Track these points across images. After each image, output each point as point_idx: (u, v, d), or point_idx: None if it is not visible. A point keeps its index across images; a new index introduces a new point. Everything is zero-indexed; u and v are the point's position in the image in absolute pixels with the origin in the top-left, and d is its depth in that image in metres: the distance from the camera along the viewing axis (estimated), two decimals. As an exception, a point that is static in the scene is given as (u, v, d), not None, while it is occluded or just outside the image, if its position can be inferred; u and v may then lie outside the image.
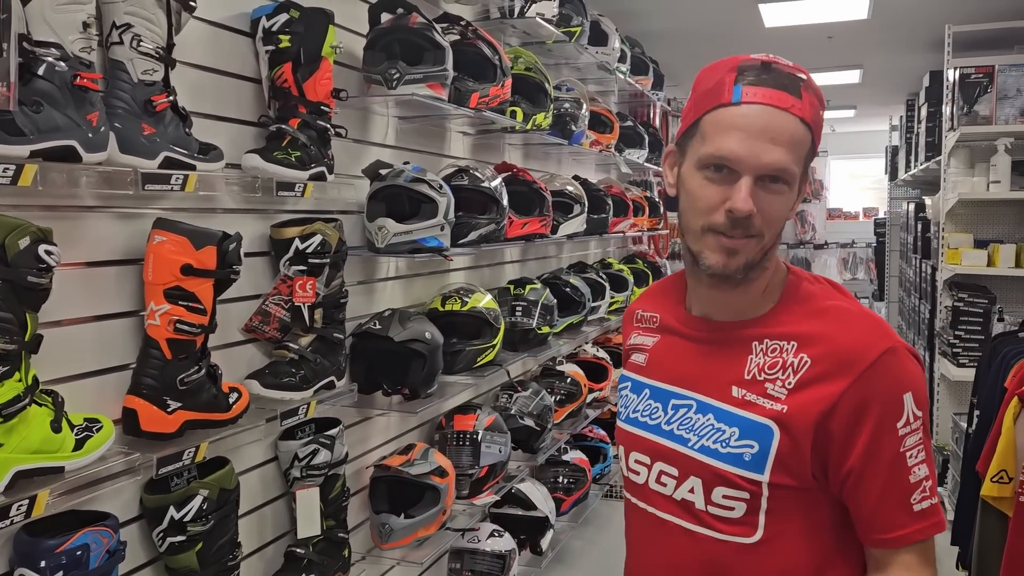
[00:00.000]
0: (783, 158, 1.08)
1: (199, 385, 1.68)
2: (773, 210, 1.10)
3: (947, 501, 4.36)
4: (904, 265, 7.44)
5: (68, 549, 1.39)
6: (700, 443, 1.16)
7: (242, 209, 1.99)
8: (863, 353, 1.10)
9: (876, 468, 1.10)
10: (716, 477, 1.14)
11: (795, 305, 1.18)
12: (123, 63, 1.52)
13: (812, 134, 1.12)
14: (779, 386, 1.12)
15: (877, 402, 1.10)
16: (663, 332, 1.30)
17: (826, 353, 1.12)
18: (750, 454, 1.12)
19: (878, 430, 1.10)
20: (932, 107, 5.41)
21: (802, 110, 1.09)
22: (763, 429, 1.12)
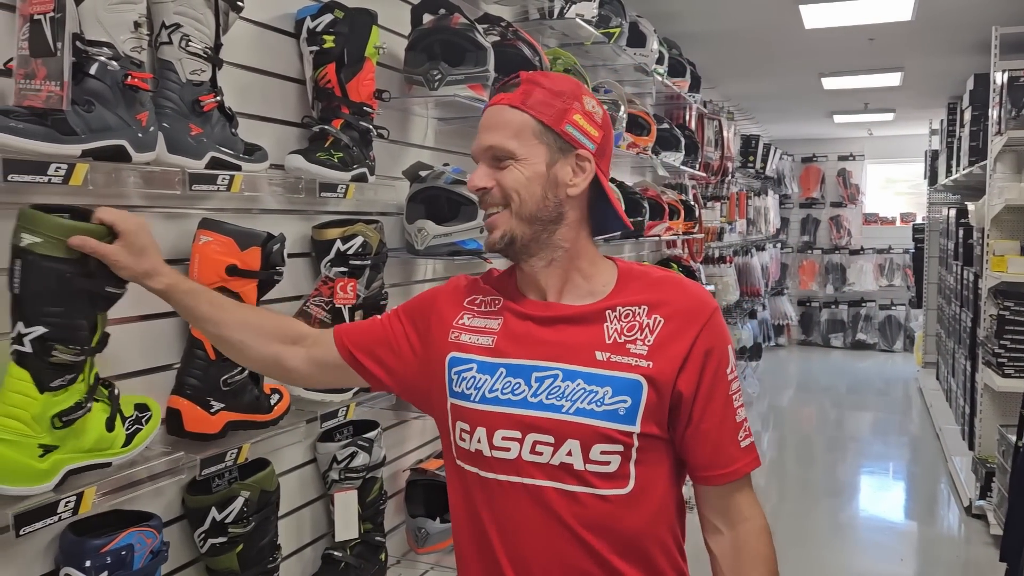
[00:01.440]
0: (495, 137, 1.28)
1: (242, 386, 1.67)
2: (506, 181, 1.27)
3: (991, 515, 4.25)
4: (944, 272, 7.30)
5: (113, 549, 1.39)
6: (575, 407, 1.25)
7: (284, 210, 1.99)
8: (701, 310, 1.29)
9: (713, 410, 1.28)
10: (594, 435, 1.24)
11: (632, 282, 1.33)
12: (172, 63, 1.52)
13: (532, 114, 1.27)
14: (640, 345, 1.27)
15: (714, 352, 1.28)
16: (508, 313, 1.35)
17: (674, 312, 1.28)
18: (624, 408, 1.24)
19: (714, 377, 1.28)
20: (977, 110, 5.30)
21: (513, 99, 1.28)
22: (634, 384, 1.25)
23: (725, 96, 7.18)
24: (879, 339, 10.46)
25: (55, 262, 1.23)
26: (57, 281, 1.24)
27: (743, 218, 7.90)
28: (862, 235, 10.91)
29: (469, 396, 1.31)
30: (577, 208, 1.31)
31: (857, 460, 6.16)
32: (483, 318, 1.36)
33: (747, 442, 1.31)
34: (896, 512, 5.30)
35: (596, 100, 1.33)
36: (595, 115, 1.31)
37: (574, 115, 1.28)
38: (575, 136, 1.28)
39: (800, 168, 11.12)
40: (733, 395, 1.30)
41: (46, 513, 1.26)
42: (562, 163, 1.28)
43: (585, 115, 1.30)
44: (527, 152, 1.27)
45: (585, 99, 1.31)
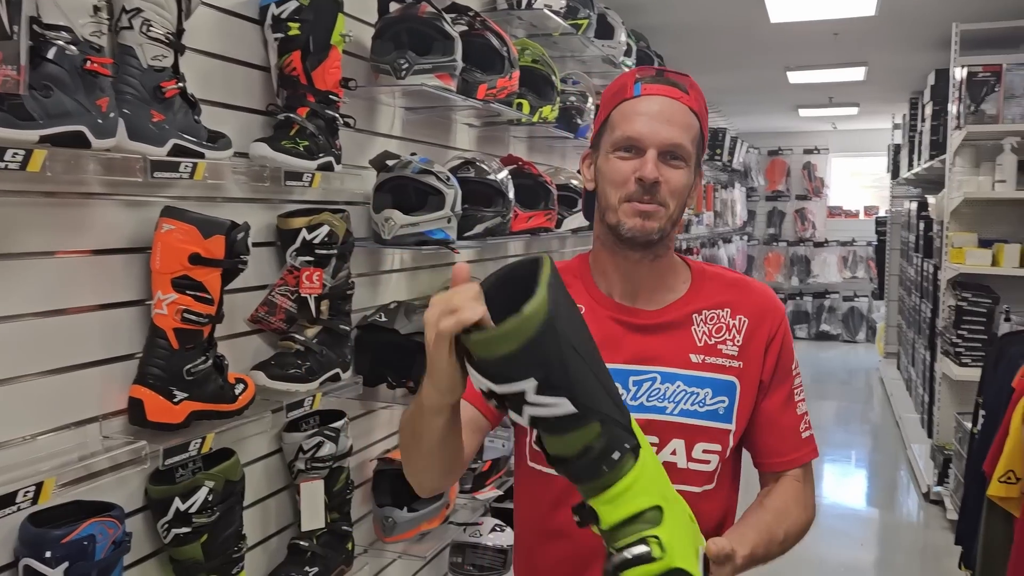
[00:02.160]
0: (677, 135, 1.28)
1: (206, 376, 1.66)
2: (675, 181, 1.28)
3: (948, 500, 4.36)
4: (905, 264, 7.44)
5: (74, 540, 1.37)
6: (678, 408, 1.30)
7: (248, 198, 1.97)
8: (777, 309, 1.38)
9: (779, 399, 1.36)
10: (698, 434, 1.30)
11: (707, 283, 1.38)
12: (132, 48, 1.50)
13: (700, 123, 1.32)
14: (730, 346, 1.33)
15: (784, 348, 1.37)
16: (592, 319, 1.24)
17: (755, 311, 1.35)
18: (723, 408, 1.31)
19: (782, 372, 1.36)
20: (937, 105, 5.40)
21: (690, 101, 1.31)
22: (729, 385, 1.31)
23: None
24: (842, 330, 10.64)
25: None
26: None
27: (710, 210, 7.96)
28: (826, 228, 11.07)
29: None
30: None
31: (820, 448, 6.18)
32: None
33: (807, 434, 1.38)
34: (857, 498, 5.40)
35: None
36: None
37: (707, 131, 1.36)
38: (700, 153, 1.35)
39: (766, 161, 11.25)
40: (796, 389, 1.38)
41: (4, 503, 1.25)
42: (695, 175, 1.34)
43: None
44: (690, 159, 1.30)
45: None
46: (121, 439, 1.57)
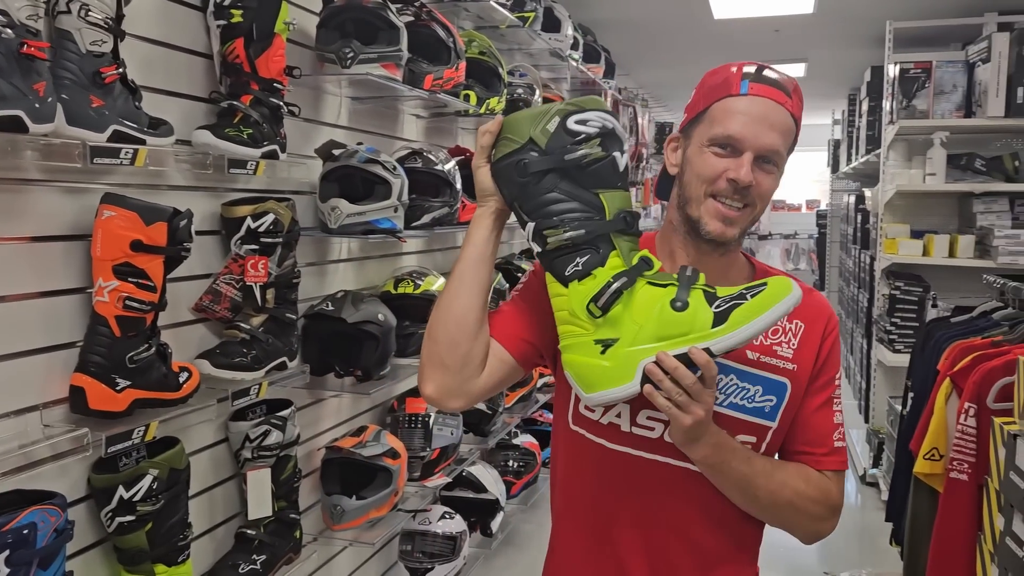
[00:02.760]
0: (777, 141, 1.26)
1: (149, 363, 1.65)
2: (764, 186, 1.28)
3: (882, 481, 4.52)
4: (844, 256, 7.66)
5: (15, 528, 1.36)
6: (728, 400, 1.31)
7: (191, 186, 1.97)
8: (831, 318, 1.37)
9: (816, 403, 1.34)
10: (739, 426, 1.31)
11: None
12: (70, 33, 1.48)
13: (797, 128, 1.31)
14: (786, 348, 1.33)
15: (832, 356, 1.36)
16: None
17: (811, 317, 1.34)
18: (769, 406, 1.32)
19: (826, 378, 1.35)
20: (873, 101, 5.57)
21: (793, 107, 1.29)
22: (780, 385, 1.32)
23: (639, 83, 7.33)
24: (785, 321, 10.90)
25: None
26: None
27: (657, 203, 8.09)
28: (770, 221, 11.32)
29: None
30: None
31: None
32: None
33: (839, 444, 1.35)
34: (798, 483, 5.55)
35: None
36: None
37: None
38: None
39: (712, 155, 11.44)
40: (835, 399, 1.36)
41: (-58, 491, 1.23)
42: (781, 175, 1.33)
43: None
44: (783, 164, 1.30)
45: None
46: (63, 427, 1.56)
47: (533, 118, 1.19)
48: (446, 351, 1.27)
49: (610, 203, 1.19)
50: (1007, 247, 4.02)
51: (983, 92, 4.20)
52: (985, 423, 2.06)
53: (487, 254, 1.29)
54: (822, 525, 1.35)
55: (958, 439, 2.14)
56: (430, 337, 1.30)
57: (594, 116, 1.19)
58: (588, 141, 1.17)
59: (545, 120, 1.18)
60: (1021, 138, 4.56)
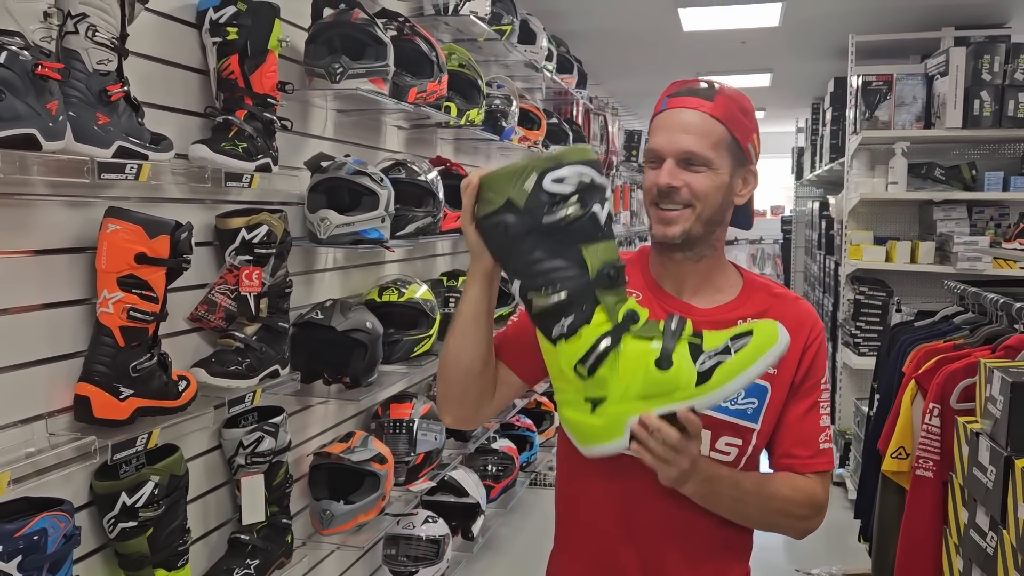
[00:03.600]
0: (691, 142, 1.35)
1: (151, 373, 1.70)
2: (696, 184, 1.36)
3: (850, 481, 4.66)
4: (809, 261, 7.84)
5: (26, 534, 1.40)
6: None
7: (186, 199, 2.01)
8: (815, 324, 1.44)
9: (801, 407, 1.41)
10: (723, 427, 1.38)
11: (756, 291, 1.45)
12: (78, 52, 1.53)
13: (728, 128, 1.37)
14: None
15: (816, 361, 1.42)
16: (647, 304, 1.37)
17: (795, 323, 1.37)
18: (752, 408, 1.38)
19: (811, 383, 1.41)
20: (836, 111, 5.74)
21: (713, 109, 1.37)
22: (761, 389, 1.38)
23: (610, 92, 7.45)
24: (752, 325, 11.09)
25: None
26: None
27: (627, 210, 8.22)
28: (736, 227, 11.51)
29: None
30: (729, 214, 1.43)
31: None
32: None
33: (825, 445, 1.41)
34: (767, 484, 5.68)
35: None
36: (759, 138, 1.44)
37: (753, 134, 1.41)
38: (751, 153, 1.41)
39: (679, 162, 11.61)
40: (821, 403, 1.42)
41: (-39, 498, 1.27)
42: (738, 175, 1.40)
43: (758, 135, 1.43)
44: (720, 162, 1.36)
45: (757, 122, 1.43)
46: (68, 436, 1.59)
47: (511, 176, 1.19)
48: (460, 393, 1.42)
49: (592, 259, 1.18)
50: (966, 253, 4.19)
51: (941, 104, 4.37)
52: (949, 422, 2.17)
53: (483, 310, 1.36)
54: (809, 523, 1.42)
55: (923, 438, 2.26)
56: (444, 381, 1.42)
57: (571, 172, 1.17)
58: (566, 201, 1.16)
59: (522, 179, 1.17)
60: (978, 148, 4.75)
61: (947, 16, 4.73)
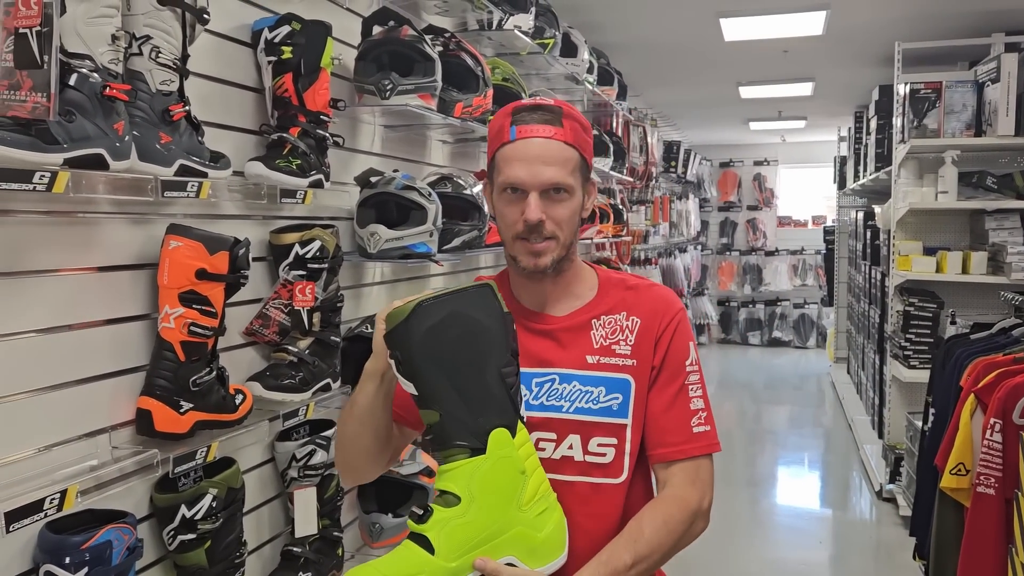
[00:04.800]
0: (556, 174, 1.37)
1: (209, 387, 1.72)
2: (558, 215, 1.38)
3: (901, 497, 4.56)
4: (853, 272, 7.72)
5: (93, 546, 1.43)
6: (573, 406, 1.40)
7: (241, 215, 2.04)
8: (669, 309, 1.44)
9: (669, 393, 1.41)
10: (592, 428, 1.39)
11: (611, 289, 1.47)
12: (142, 73, 1.56)
13: (578, 151, 1.40)
14: (623, 345, 1.42)
15: (676, 343, 1.43)
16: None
17: (648, 311, 1.43)
18: (616, 404, 1.39)
19: (673, 367, 1.42)
20: (882, 119, 5.65)
21: (564, 135, 1.38)
22: (623, 382, 1.40)
23: (649, 103, 7.44)
24: (794, 336, 10.95)
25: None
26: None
27: (666, 221, 8.18)
28: (777, 237, 11.39)
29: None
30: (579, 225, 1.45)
31: (775, 451, 6.47)
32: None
33: (701, 429, 1.41)
34: (812, 499, 5.60)
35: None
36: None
37: (591, 147, 1.44)
38: (592, 165, 1.44)
39: (718, 173, 11.55)
40: (689, 385, 1.42)
41: (33, 510, 1.30)
42: (585, 191, 1.43)
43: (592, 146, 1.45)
44: (576, 186, 1.39)
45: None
46: (130, 449, 1.62)
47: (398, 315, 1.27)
48: (361, 473, 1.53)
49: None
50: (1020, 263, 4.08)
51: (993, 111, 4.28)
52: (1012, 438, 2.12)
53: (379, 404, 1.41)
54: (698, 527, 1.40)
55: (984, 454, 2.20)
56: (343, 458, 1.50)
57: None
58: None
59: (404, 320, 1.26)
60: (1030, 156, 4.65)
61: (996, 22, 4.64)
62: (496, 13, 3.16)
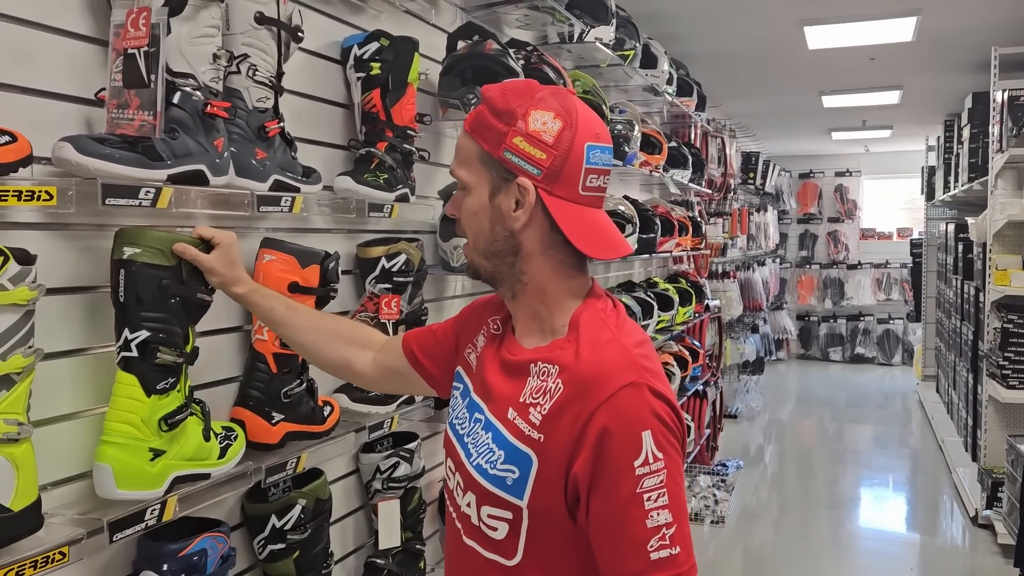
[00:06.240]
0: (455, 167, 1.23)
1: (299, 398, 1.75)
2: (461, 211, 1.23)
3: (1001, 524, 4.33)
4: (943, 286, 7.41)
5: (189, 553, 1.46)
6: (476, 460, 1.18)
7: (330, 229, 2.07)
8: (604, 383, 1.09)
9: (612, 507, 1.07)
10: (484, 495, 1.16)
11: (571, 332, 1.18)
12: (240, 91, 1.60)
13: (475, 139, 1.19)
14: (537, 411, 1.13)
15: (616, 436, 1.07)
16: (491, 341, 1.30)
17: (575, 378, 1.12)
18: (512, 479, 1.13)
19: (614, 466, 1.06)
20: (976, 128, 5.42)
21: (466, 122, 1.23)
22: (523, 456, 1.12)
23: (727, 114, 7.31)
24: (878, 353, 10.57)
25: (155, 269, 1.35)
26: (157, 287, 1.35)
27: (744, 233, 8.01)
28: (859, 250, 11.04)
29: (448, 415, 1.32)
30: (535, 239, 1.18)
31: (858, 472, 6.24)
32: (486, 340, 1.31)
33: (661, 554, 1.05)
34: (900, 523, 5.37)
35: (555, 112, 1.14)
36: (544, 134, 1.13)
37: (514, 138, 1.13)
38: (514, 163, 1.14)
39: (798, 184, 11.27)
40: (645, 493, 1.05)
41: (135, 520, 1.33)
42: (504, 193, 1.16)
43: (528, 137, 1.13)
44: (474, 181, 1.19)
45: (533, 116, 1.13)
46: (224, 458, 1.65)
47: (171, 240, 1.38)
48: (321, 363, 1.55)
49: (192, 337, 1.44)
50: None
51: (1100, 118, 4.06)
52: None
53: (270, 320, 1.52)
54: None
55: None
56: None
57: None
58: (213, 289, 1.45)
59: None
60: None
61: (1103, 24, 4.41)
62: (577, 26, 3.15)
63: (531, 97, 1.15)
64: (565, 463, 1.09)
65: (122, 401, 1.33)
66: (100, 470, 1.30)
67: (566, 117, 1.15)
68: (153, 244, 1.36)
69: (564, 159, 1.14)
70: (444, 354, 1.42)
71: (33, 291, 1.17)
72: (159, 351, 1.35)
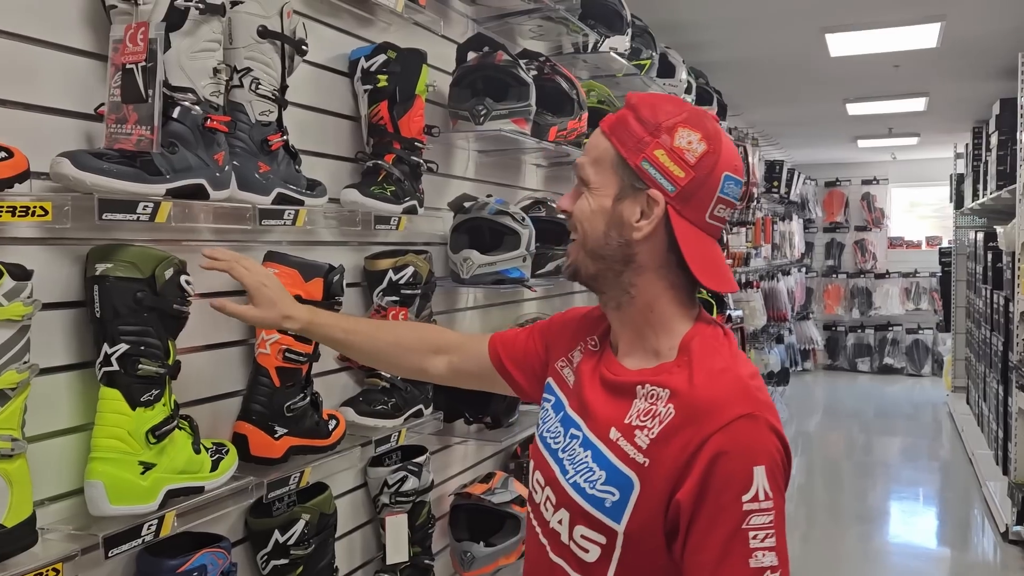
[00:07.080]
0: (582, 159, 1.21)
1: (303, 412, 1.73)
2: (577, 208, 1.21)
3: (1029, 540, 4.22)
4: (972, 296, 7.26)
5: (188, 569, 1.45)
6: (574, 478, 1.16)
7: (337, 241, 2.07)
8: (720, 412, 1.06)
9: (713, 540, 1.02)
10: (579, 514, 1.14)
11: (683, 356, 1.15)
12: (242, 105, 1.60)
13: (612, 142, 1.18)
14: (644, 435, 1.10)
15: (727, 465, 1.03)
16: (589, 357, 1.28)
17: (688, 404, 1.09)
18: (611, 501, 1.10)
19: (721, 497, 1.03)
20: (1004, 135, 5.32)
21: (606, 123, 1.20)
22: (625, 479, 1.10)
23: (749, 123, 7.24)
24: (906, 363, 10.39)
25: (129, 282, 1.35)
26: (132, 299, 1.35)
27: (768, 243, 7.92)
28: (887, 259, 10.88)
29: (538, 428, 1.31)
30: (652, 255, 1.16)
31: (887, 485, 6.12)
32: (584, 356, 1.30)
33: None
34: (929, 538, 5.25)
35: (702, 134, 1.14)
36: (687, 153, 1.13)
37: (656, 150, 1.13)
38: (650, 174, 1.13)
39: (823, 192, 11.14)
40: (751, 531, 1.01)
41: (131, 536, 1.32)
42: (631, 201, 1.15)
43: (671, 152, 1.12)
44: (600, 182, 1.17)
45: (680, 132, 1.13)
46: (226, 473, 1.64)
47: (156, 259, 1.39)
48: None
49: (173, 351, 1.43)
50: None
51: None
52: None
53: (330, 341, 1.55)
54: None
55: None
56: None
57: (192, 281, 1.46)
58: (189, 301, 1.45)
59: (164, 266, 1.39)
60: None
61: None
62: (591, 36, 3.13)
63: (679, 113, 1.16)
64: (669, 489, 1.06)
65: (108, 416, 1.32)
66: (92, 487, 1.30)
67: (711, 142, 1.14)
68: (125, 259, 1.36)
69: (701, 183, 1.14)
70: (532, 365, 1.42)
71: (28, 306, 1.17)
72: (140, 362, 1.35)
